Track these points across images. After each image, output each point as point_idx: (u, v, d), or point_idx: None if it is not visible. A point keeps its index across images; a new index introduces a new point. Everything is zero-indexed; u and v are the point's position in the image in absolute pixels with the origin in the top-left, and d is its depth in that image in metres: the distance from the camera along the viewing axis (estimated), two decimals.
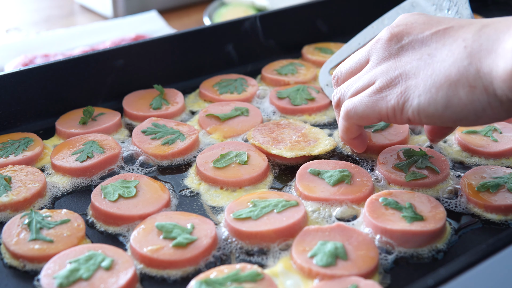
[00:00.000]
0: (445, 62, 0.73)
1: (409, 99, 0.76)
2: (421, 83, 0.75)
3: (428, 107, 0.74)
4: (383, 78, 0.79)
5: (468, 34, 0.73)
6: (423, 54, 0.77)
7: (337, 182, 0.87)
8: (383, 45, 0.81)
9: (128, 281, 0.71)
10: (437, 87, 0.73)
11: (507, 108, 0.71)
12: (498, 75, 0.68)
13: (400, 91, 0.77)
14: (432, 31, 0.78)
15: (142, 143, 0.98)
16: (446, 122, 0.75)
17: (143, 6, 1.70)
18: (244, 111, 1.07)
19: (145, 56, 1.15)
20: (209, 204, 0.87)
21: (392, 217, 0.79)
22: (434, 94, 0.73)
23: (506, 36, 0.69)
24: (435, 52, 0.76)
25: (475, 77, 0.70)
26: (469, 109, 0.72)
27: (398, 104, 0.77)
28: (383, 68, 0.80)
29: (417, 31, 0.79)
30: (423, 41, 0.78)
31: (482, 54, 0.70)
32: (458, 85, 0.71)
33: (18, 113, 1.05)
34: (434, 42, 0.77)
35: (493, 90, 0.69)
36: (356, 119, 0.83)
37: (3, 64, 1.35)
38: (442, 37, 0.76)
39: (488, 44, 0.70)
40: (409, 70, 0.77)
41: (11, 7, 1.83)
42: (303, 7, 1.32)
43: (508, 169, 0.90)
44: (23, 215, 0.81)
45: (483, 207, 0.84)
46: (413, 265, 0.76)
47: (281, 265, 0.75)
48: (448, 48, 0.74)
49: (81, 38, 1.47)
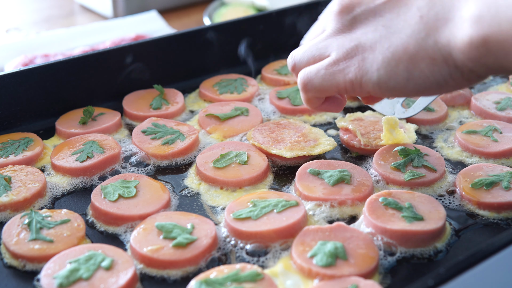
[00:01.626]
0: (401, 34, 0.71)
1: (367, 73, 0.74)
2: (379, 57, 0.73)
3: (389, 81, 0.72)
4: (339, 50, 0.77)
5: (422, 2, 0.71)
6: (378, 25, 0.74)
7: (336, 182, 0.87)
8: (335, 17, 0.79)
9: (128, 281, 0.71)
10: (396, 60, 0.71)
11: (468, 77, 0.70)
12: (457, 46, 0.67)
13: (358, 65, 0.75)
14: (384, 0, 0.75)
15: (142, 143, 0.98)
16: (408, 93, 0.74)
17: (143, 6, 1.70)
18: (244, 111, 1.07)
19: (145, 56, 1.15)
20: (209, 204, 0.87)
21: (392, 217, 0.79)
22: (394, 67, 0.71)
23: (461, 3, 0.67)
24: (389, 23, 0.73)
25: (434, 49, 0.69)
26: (431, 80, 0.70)
27: (356, 78, 0.75)
28: (338, 40, 0.78)
29: (368, 0, 0.77)
30: (376, 11, 0.75)
31: (438, 24, 0.69)
32: (418, 58, 0.70)
33: (18, 113, 1.05)
34: (387, 11, 0.74)
35: (453, 61, 0.68)
36: (314, 92, 0.81)
37: (3, 64, 1.35)
38: (395, 6, 0.74)
39: (443, 12, 0.68)
40: (365, 42, 0.75)
41: (11, 7, 1.83)
42: (303, 7, 1.32)
43: (505, 167, 0.91)
44: (23, 215, 0.81)
45: (476, 204, 0.84)
46: (413, 265, 0.76)
47: (281, 265, 0.75)
48: (403, 18, 0.72)
49: (81, 38, 1.47)
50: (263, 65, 1.24)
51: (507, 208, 0.84)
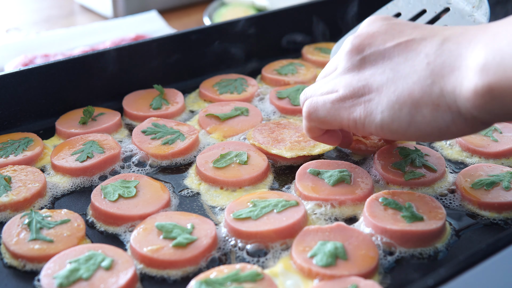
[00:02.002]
0: (408, 79, 0.72)
1: (371, 114, 0.75)
2: (384, 99, 0.74)
3: (392, 124, 0.74)
4: (346, 88, 0.78)
5: (430, 49, 0.72)
6: (386, 68, 0.76)
7: (336, 182, 0.87)
8: (346, 56, 0.80)
9: (128, 281, 0.71)
10: (400, 104, 0.72)
11: (471, 124, 0.70)
12: (462, 94, 0.67)
13: (363, 105, 0.76)
14: (394, 43, 0.76)
15: (142, 143, 0.98)
16: (410, 137, 0.75)
17: (143, 6, 1.70)
18: (244, 111, 1.07)
19: (145, 56, 1.15)
20: (209, 204, 0.87)
21: (392, 217, 0.79)
22: (398, 111, 0.73)
23: (468, 52, 0.68)
24: (397, 67, 0.74)
25: (438, 96, 0.70)
26: (433, 126, 0.71)
27: (360, 118, 0.77)
28: (347, 78, 0.79)
29: (378, 42, 0.78)
30: (385, 54, 0.77)
31: (444, 72, 0.69)
32: (422, 103, 0.71)
33: (18, 113, 1.05)
34: (396, 55, 0.75)
35: (456, 108, 0.69)
36: (317, 122, 0.83)
37: (3, 64, 1.35)
38: (404, 51, 0.75)
39: (450, 60, 0.69)
40: (372, 84, 0.76)
41: (11, 7, 1.83)
42: (303, 7, 1.32)
43: (505, 167, 0.91)
44: (23, 215, 0.81)
45: (476, 204, 0.85)
46: (413, 265, 0.76)
47: (281, 265, 0.75)
48: (410, 64, 0.73)
49: (81, 38, 1.47)
50: (263, 65, 1.24)
51: (508, 208, 0.84)
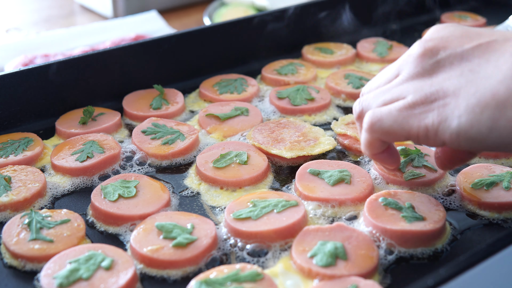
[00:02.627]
0: (491, 79, 0.66)
1: (447, 120, 0.68)
2: (463, 103, 0.67)
3: (470, 129, 0.66)
4: (416, 93, 0.71)
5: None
6: (464, 70, 0.69)
7: (336, 182, 0.87)
8: (415, 60, 0.74)
9: (128, 281, 0.71)
10: (481, 107, 0.65)
11: None
12: None
13: (437, 110, 0.69)
14: (473, 45, 0.70)
15: (142, 143, 0.98)
16: (489, 146, 0.68)
17: (143, 6, 1.70)
18: (244, 111, 1.07)
19: (145, 56, 1.15)
20: (209, 204, 0.87)
21: (392, 217, 0.79)
22: (478, 114, 0.65)
23: None
24: (478, 68, 0.68)
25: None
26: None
27: (433, 124, 0.69)
28: (416, 84, 0.72)
29: (455, 45, 0.72)
30: (463, 55, 0.70)
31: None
32: (507, 105, 0.64)
33: (18, 113, 1.05)
34: (476, 57, 0.69)
35: None
36: (380, 133, 0.74)
37: (3, 64, 1.35)
38: (485, 52, 0.69)
39: None
40: (448, 88, 0.69)
41: (11, 7, 1.83)
42: (303, 7, 1.32)
43: (505, 167, 0.91)
44: (23, 215, 0.81)
45: (476, 204, 0.84)
46: (413, 265, 0.76)
47: (281, 265, 0.75)
48: (494, 64, 0.67)
49: (81, 38, 1.47)
50: (263, 65, 1.24)
51: (508, 208, 0.84)
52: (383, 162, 0.83)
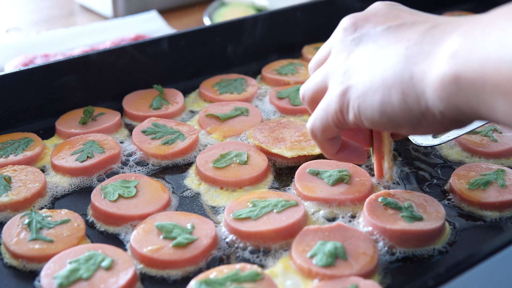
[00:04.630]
0: (384, 63, 0.66)
1: (350, 100, 0.69)
2: (361, 85, 0.68)
3: (366, 111, 0.68)
4: (334, 78, 0.72)
5: (415, 34, 0.66)
6: (370, 51, 0.70)
7: (336, 182, 0.87)
8: (340, 34, 0.75)
9: (128, 281, 0.71)
10: (373, 90, 0.66)
11: (441, 121, 0.63)
12: (430, 83, 0.61)
13: (343, 91, 0.70)
14: (385, 26, 0.70)
15: (142, 143, 0.98)
16: (386, 127, 0.69)
17: (143, 6, 1.70)
18: (244, 111, 1.07)
19: (145, 56, 1.15)
20: (209, 204, 0.87)
21: (391, 217, 0.79)
22: (371, 96, 0.67)
23: (448, 38, 0.61)
24: (380, 50, 0.68)
25: (408, 84, 0.63)
26: (404, 118, 0.65)
27: (339, 105, 0.71)
28: (336, 63, 0.73)
29: (372, 24, 0.72)
30: (373, 36, 0.71)
31: (419, 58, 0.63)
32: (392, 90, 0.64)
33: (18, 113, 1.05)
34: (382, 39, 0.69)
35: (425, 100, 0.62)
36: (320, 134, 0.76)
37: (3, 64, 1.35)
38: (391, 34, 0.69)
39: (428, 46, 0.63)
40: (354, 68, 0.70)
41: (11, 7, 1.83)
42: (303, 7, 1.32)
43: (493, 165, 0.91)
44: (23, 215, 0.81)
45: (477, 205, 0.84)
46: (413, 265, 0.76)
47: (280, 265, 0.75)
48: (392, 48, 0.67)
49: (81, 38, 1.47)
50: (263, 65, 1.24)
51: (509, 206, 0.84)
52: (348, 160, 0.84)
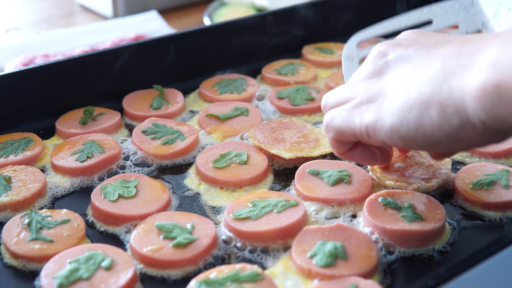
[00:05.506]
0: (420, 80, 0.68)
1: (382, 118, 0.70)
2: (395, 101, 0.69)
3: (401, 127, 0.68)
4: (364, 93, 0.74)
5: (449, 50, 0.67)
6: (405, 71, 0.71)
7: (336, 182, 0.87)
8: (371, 60, 0.77)
9: (128, 281, 0.71)
10: (410, 106, 0.67)
11: (482, 132, 0.63)
12: (470, 92, 0.61)
13: (376, 109, 0.71)
14: (418, 47, 0.73)
15: (142, 143, 0.98)
16: (421, 145, 0.69)
17: (143, 6, 1.70)
18: (244, 111, 1.07)
19: (145, 56, 1.15)
20: (209, 204, 0.87)
21: (391, 217, 0.79)
22: (407, 113, 0.67)
23: (486, 48, 0.62)
24: (416, 69, 0.70)
25: (446, 96, 0.64)
26: (442, 131, 0.65)
27: (371, 122, 0.71)
28: (367, 83, 0.76)
29: (403, 47, 0.74)
30: (406, 57, 0.73)
31: (458, 70, 0.64)
32: (430, 103, 0.65)
33: (18, 113, 1.05)
34: (417, 58, 0.71)
35: (464, 110, 0.62)
36: (333, 133, 0.78)
37: (3, 64, 1.35)
38: (426, 53, 0.71)
39: (466, 58, 0.64)
40: (388, 87, 0.72)
41: (11, 7, 1.83)
42: (303, 7, 1.32)
43: (498, 165, 0.91)
44: (23, 215, 0.81)
45: (480, 205, 0.84)
46: (413, 265, 0.76)
47: (280, 265, 0.75)
48: (428, 65, 0.69)
49: (81, 38, 1.47)
50: (263, 65, 1.24)
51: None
52: (354, 160, 0.84)
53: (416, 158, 0.92)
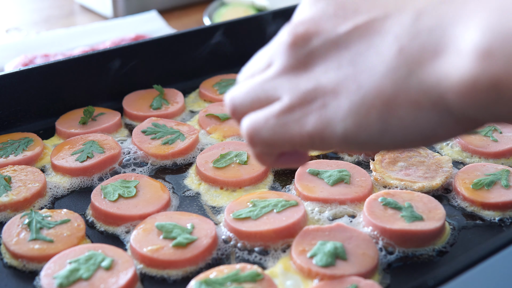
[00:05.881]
0: (374, 72, 0.54)
1: (331, 124, 0.56)
2: (345, 103, 0.55)
3: (359, 133, 0.55)
4: (292, 93, 0.58)
5: (401, 28, 0.54)
6: (342, 60, 0.57)
7: (336, 182, 0.87)
8: (287, 50, 0.60)
9: (128, 281, 0.71)
10: (367, 107, 0.54)
11: (465, 125, 0.53)
12: (452, 87, 0.49)
13: (318, 113, 0.57)
14: (350, 27, 0.57)
15: (142, 143, 0.98)
16: (385, 148, 0.58)
17: (143, 6, 1.70)
18: None
19: (145, 56, 1.15)
20: (209, 204, 0.87)
21: (391, 217, 0.79)
22: (365, 116, 0.54)
23: (458, 28, 0.50)
24: (358, 57, 0.56)
25: (418, 91, 0.52)
26: (415, 131, 0.54)
27: (315, 130, 0.57)
28: (291, 80, 0.59)
29: (329, 28, 0.58)
30: (339, 42, 0.57)
31: (425, 57, 0.51)
32: (396, 103, 0.53)
33: (18, 113, 1.05)
34: (355, 42, 0.56)
35: (444, 106, 0.51)
36: (263, 147, 0.61)
37: (3, 64, 1.35)
38: (365, 34, 0.56)
39: (431, 42, 0.51)
40: (326, 84, 0.57)
41: (11, 7, 1.83)
42: None
43: (499, 165, 0.91)
44: (23, 215, 0.81)
45: (480, 205, 0.84)
46: (413, 265, 0.76)
47: (280, 265, 0.75)
48: (375, 51, 0.55)
49: (81, 38, 1.47)
50: None
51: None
52: (283, 166, 0.75)
53: (417, 157, 0.92)
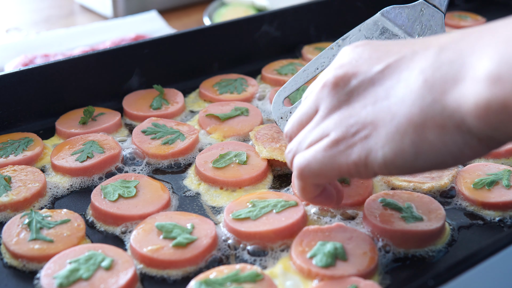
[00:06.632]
0: (404, 102, 0.62)
1: (372, 152, 0.64)
2: (383, 132, 0.63)
3: (395, 158, 0.62)
4: (337, 129, 0.67)
5: (425, 63, 0.62)
6: (378, 95, 0.65)
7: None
8: (330, 92, 0.69)
9: (128, 281, 0.71)
10: (401, 134, 0.61)
11: (487, 143, 0.60)
12: (470, 110, 0.57)
13: (361, 144, 0.65)
14: (383, 66, 0.66)
15: (142, 143, 0.98)
16: (421, 170, 0.64)
17: (143, 6, 1.70)
18: (244, 111, 1.07)
19: (146, 55, 1.15)
20: (209, 204, 0.87)
21: (391, 217, 0.79)
22: (399, 142, 0.62)
23: (473, 59, 0.57)
24: (391, 91, 0.64)
25: (442, 116, 0.59)
26: (444, 152, 0.61)
27: (360, 159, 0.65)
28: (335, 118, 0.68)
29: (365, 69, 0.67)
30: (374, 79, 0.66)
31: (447, 87, 0.59)
32: (425, 127, 0.60)
33: (18, 113, 1.05)
34: (387, 79, 0.65)
35: (466, 128, 0.58)
36: (312, 178, 0.71)
37: (3, 64, 1.35)
38: (395, 71, 0.64)
39: (452, 72, 0.59)
40: (366, 117, 0.65)
41: (11, 7, 1.83)
42: (302, 7, 1.32)
43: (501, 165, 0.91)
44: (23, 215, 0.81)
45: (480, 205, 0.84)
46: (413, 265, 0.76)
47: (280, 265, 0.75)
48: (404, 84, 0.63)
49: (81, 38, 1.47)
50: (263, 65, 1.24)
51: None
52: (320, 204, 0.82)
53: None
